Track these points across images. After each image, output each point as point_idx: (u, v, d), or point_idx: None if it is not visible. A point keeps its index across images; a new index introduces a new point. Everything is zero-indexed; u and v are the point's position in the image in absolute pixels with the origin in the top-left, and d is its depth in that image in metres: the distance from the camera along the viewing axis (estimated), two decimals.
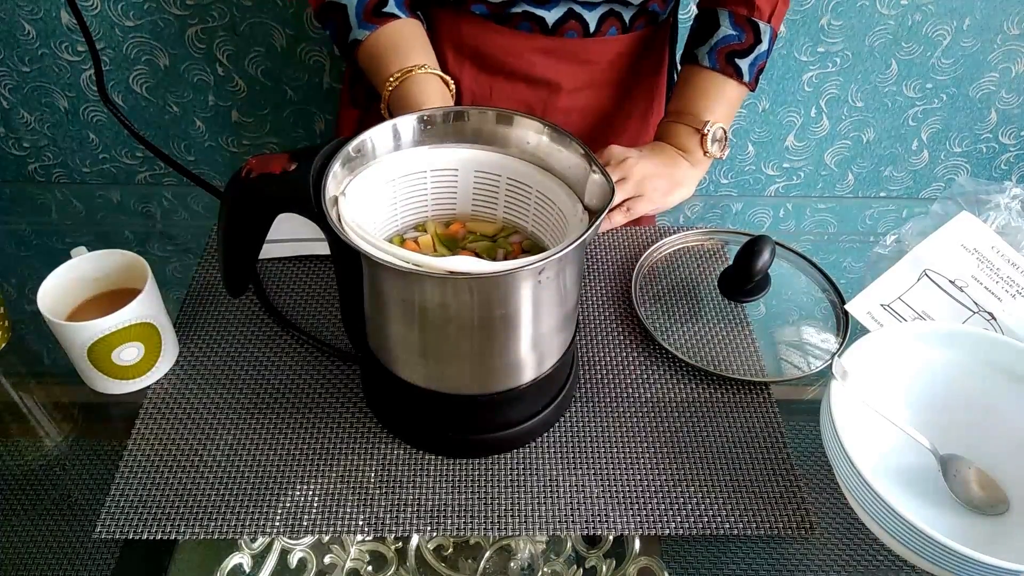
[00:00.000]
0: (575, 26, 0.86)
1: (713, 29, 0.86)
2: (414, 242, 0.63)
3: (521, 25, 0.86)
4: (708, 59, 0.86)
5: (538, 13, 0.84)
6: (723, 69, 0.86)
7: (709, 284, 0.79)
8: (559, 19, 0.85)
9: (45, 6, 1.25)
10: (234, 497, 0.60)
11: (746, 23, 0.85)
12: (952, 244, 0.74)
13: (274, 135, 1.43)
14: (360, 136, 0.57)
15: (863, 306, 0.73)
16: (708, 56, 0.86)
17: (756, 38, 0.86)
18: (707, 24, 0.87)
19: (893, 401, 0.62)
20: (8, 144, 1.44)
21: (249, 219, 0.59)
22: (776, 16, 0.86)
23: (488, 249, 0.63)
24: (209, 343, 0.71)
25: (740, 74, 0.86)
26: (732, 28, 0.85)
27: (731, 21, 0.85)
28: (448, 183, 0.63)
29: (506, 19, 0.86)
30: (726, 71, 0.86)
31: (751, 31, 0.85)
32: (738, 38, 0.85)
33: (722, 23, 0.86)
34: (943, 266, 0.73)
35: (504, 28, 0.87)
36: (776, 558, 0.58)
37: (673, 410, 0.67)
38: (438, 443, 0.63)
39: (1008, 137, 1.44)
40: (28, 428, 0.67)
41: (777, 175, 1.50)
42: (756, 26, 0.85)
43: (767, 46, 0.86)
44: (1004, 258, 0.73)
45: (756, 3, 0.84)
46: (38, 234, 0.87)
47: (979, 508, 0.59)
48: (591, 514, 0.60)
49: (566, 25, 0.86)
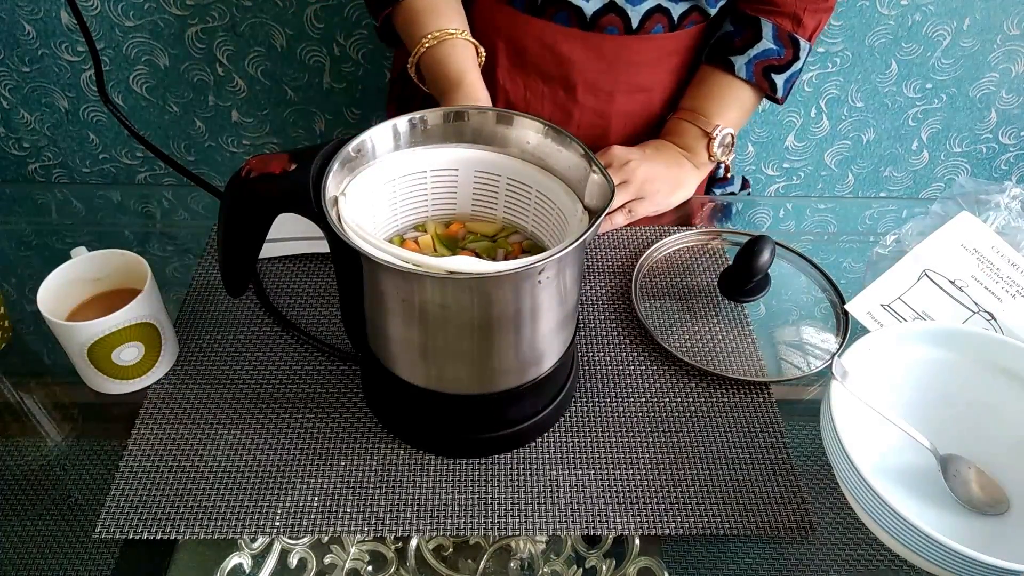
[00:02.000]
0: (615, 20, 0.80)
1: (754, 39, 0.83)
2: (414, 242, 0.63)
3: (557, 16, 0.81)
4: (745, 70, 0.84)
5: (575, 2, 0.79)
6: (758, 83, 0.84)
7: (709, 284, 0.79)
8: (598, 10, 0.80)
9: (45, 6, 1.25)
10: (234, 497, 0.60)
11: (788, 39, 0.83)
12: (952, 244, 0.74)
13: (274, 135, 1.43)
14: (360, 136, 0.57)
15: (863, 306, 0.73)
16: (745, 67, 0.84)
17: (795, 55, 0.84)
18: (747, 32, 0.84)
19: (893, 401, 0.62)
20: (8, 144, 1.44)
21: (249, 219, 0.59)
22: (816, 34, 0.84)
23: (488, 249, 0.63)
24: (209, 343, 0.71)
25: (774, 89, 0.84)
26: (774, 42, 0.83)
27: (774, 34, 0.83)
28: (448, 183, 0.63)
29: (541, 10, 0.82)
30: (761, 85, 0.84)
31: (791, 47, 0.83)
32: (778, 53, 0.83)
33: (764, 35, 0.83)
34: (943, 266, 0.73)
35: (539, 20, 0.82)
36: (776, 558, 0.58)
37: (673, 410, 0.67)
38: (438, 443, 0.63)
39: (1008, 137, 1.44)
40: (28, 428, 0.67)
41: (777, 175, 1.50)
42: (797, 43, 0.83)
43: (803, 63, 0.85)
44: (1004, 258, 0.73)
45: (803, 20, 0.81)
46: (38, 234, 0.87)
47: (979, 508, 0.59)
48: (591, 514, 0.60)
49: (605, 18, 0.80)
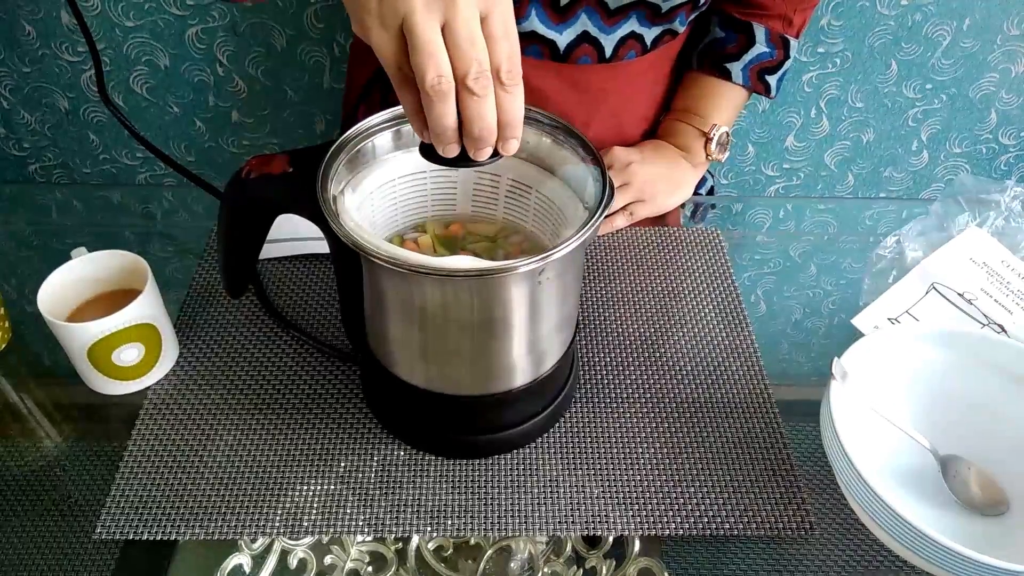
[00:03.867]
0: (589, 51, 0.79)
1: (748, 44, 0.83)
2: (414, 242, 0.63)
3: (529, 50, 0.78)
4: (741, 76, 0.84)
5: (548, 36, 0.76)
6: (754, 86, 0.85)
7: (709, 284, 0.79)
8: (571, 42, 0.77)
9: (45, 6, 1.25)
10: (234, 497, 0.60)
11: (779, 39, 0.83)
12: (961, 257, 0.74)
13: (274, 135, 1.43)
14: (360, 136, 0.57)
15: (870, 319, 0.72)
16: (742, 73, 0.84)
17: (786, 54, 0.84)
18: (739, 38, 0.84)
19: (893, 402, 0.62)
20: (8, 145, 1.44)
21: (249, 219, 0.59)
22: (803, 29, 0.85)
23: (488, 250, 0.63)
24: (209, 343, 0.71)
25: (768, 90, 0.85)
26: (767, 45, 0.83)
27: (767, 38, 0.83)
28: (448, 183, 0.63)
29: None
30: (757, 88, 0.85)
31: (782, 47, 0.83)
32: (770, 55, 0.83)
33: (757, 39, 0.83)
34: (952, 279, 0.73)
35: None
36: (776, 558, 0.58)
37: (673, 410, 0.67)
38: (438, 443, 0.63)
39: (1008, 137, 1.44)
40: (28, 428, 0.67)
41: (777, 175, 1.50)
42: (788, 43, 0.83)
43: (791, 60, 0.85)
44: (1014, 271, 0.73)
45: (792, 20, 0.82)
46: (38, 235, 0.87)
47: (979, 508, 0.59)
48: (591, 514, 0.60)
49: (579, 49, 0.78)
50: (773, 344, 0.74)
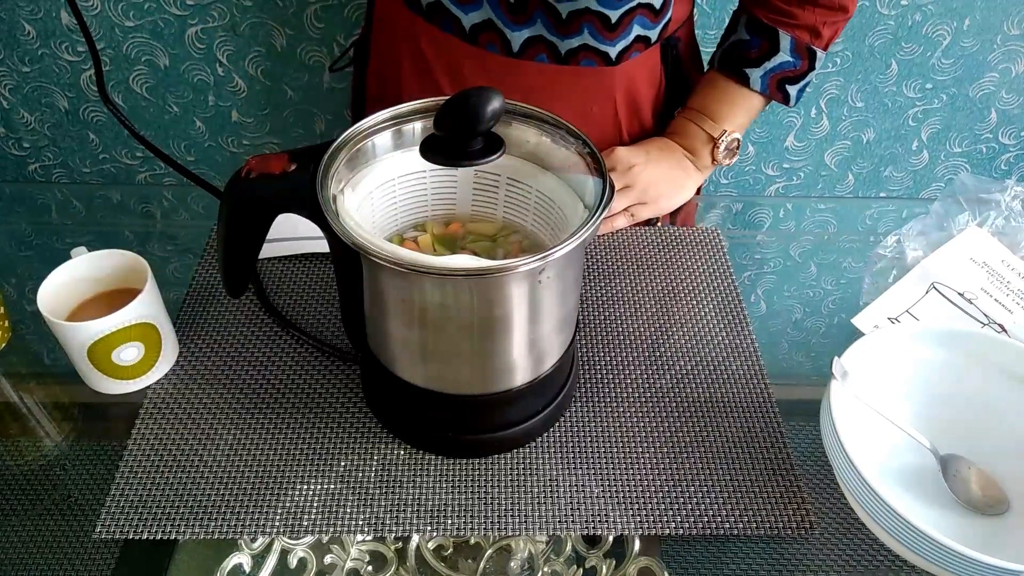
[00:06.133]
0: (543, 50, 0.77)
1: (771, 51, 0.81)
2: (414, 241, 0.63)
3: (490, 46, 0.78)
4: (760, 83, 0.82)
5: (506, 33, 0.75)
6: (772, 95, 0.83)
7: (709, 283, 0.79)
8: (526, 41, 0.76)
9: (45, 6, 1.25)
10: (234, 497, 0.60)
11: (805, 50, 0.81)
12: (961, 257, 0.74)
13: (274, 135, 1.43)
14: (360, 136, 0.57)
15: (870, 319, 0.72)
16: (761, 80, 0.82)
17: (811, 65, 0.82)
18: (763, 43, 0.82)
19: (893, 401, 0.62)
20: (8, 144, 1.44)
21: (249, 219, 0.59)
22: (831, 42, 0.82)
23: (488, 249, 0.63)
24: (209, 343, 0.71)
25: (788, 99, 0.83)
26: (791, 54, 0.81)
27: (792, 47, 0.81)
28: (448, 183, 0.63)
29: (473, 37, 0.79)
30: (775, 96, 0.83)
31: (807, 59, 0.81)
32: (794, 65, 0.81)
33: (782, 47, 0.81)
34: (952, 279, 0.73)
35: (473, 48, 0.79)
36: (776, 558, 0.58)
37: (673, 410, 0.67)
38: (438, 443, 0.63)
39: (1008, 137, 1.44)
40: (28, 428, 0.67)
41: (777, 175, 1.50)
42: (814, 54, 0.82)
43: (815, 72, 0.83)
44: (1014, 271, 0.73)
45: (821, 32, 0.80)
46: (38, 234, 0.87)
47: (979, 508, 0.59)
48: (591, 514, 0.59)
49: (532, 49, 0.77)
50: (773, 344, 0.74)
